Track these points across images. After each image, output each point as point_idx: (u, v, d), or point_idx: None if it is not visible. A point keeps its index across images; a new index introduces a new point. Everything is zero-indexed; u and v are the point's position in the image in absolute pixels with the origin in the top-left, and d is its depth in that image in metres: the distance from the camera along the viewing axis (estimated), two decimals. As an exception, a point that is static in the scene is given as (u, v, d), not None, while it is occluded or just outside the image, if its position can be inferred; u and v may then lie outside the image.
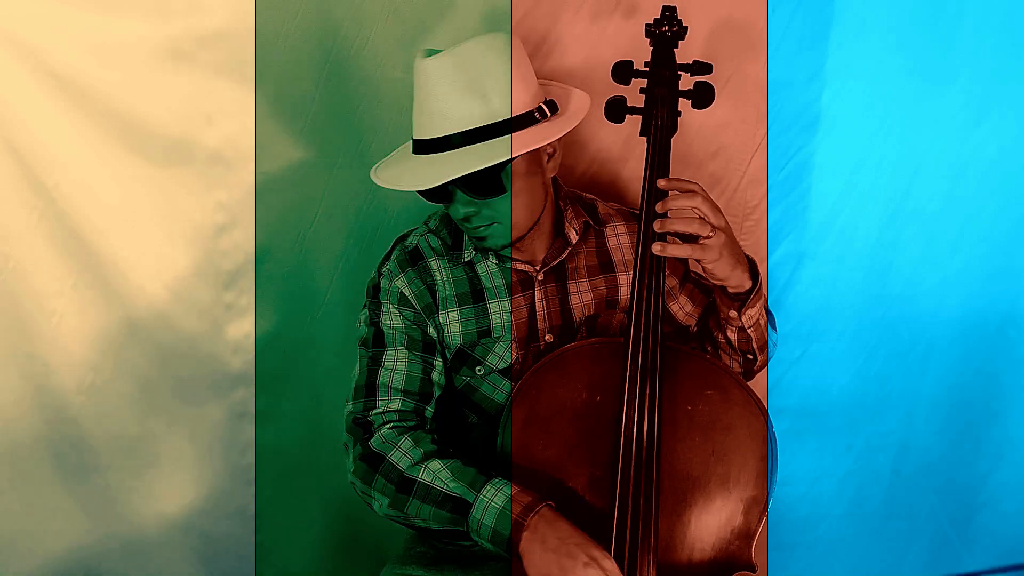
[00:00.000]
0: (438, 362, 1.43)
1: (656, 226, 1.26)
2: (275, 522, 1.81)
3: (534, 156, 1.37)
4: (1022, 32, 1.66)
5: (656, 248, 1.25)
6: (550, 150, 1.41)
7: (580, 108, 1.41)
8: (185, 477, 1.72)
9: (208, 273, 1.64)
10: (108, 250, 1.57)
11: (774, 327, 1.49)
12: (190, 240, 1.62)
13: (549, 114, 1.36)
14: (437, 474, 1.28)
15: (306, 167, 1.66)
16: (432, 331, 1.43)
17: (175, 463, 1.71)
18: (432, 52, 1.31)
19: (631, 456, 1.22)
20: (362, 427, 1.36)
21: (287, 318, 1.73)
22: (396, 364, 1.40)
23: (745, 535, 1.27)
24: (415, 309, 1.42)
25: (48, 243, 1.53)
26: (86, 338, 1.60)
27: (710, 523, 1.26)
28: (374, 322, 1.43)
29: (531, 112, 1.34)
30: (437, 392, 1.42)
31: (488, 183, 1.31)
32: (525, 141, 1.31)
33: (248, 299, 1.69)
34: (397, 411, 1.37)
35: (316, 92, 1.62)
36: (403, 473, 1.29)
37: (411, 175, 1.34)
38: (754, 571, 1.26)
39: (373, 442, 1.34)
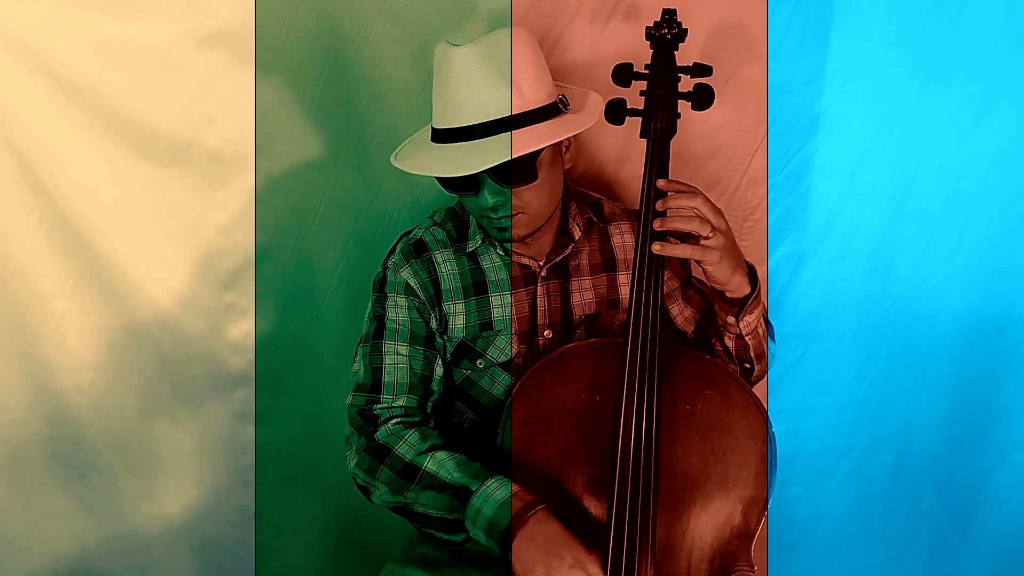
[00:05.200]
0: (438, 358, 1.44)
1: (656, 224, 1.26)
2: (275, 522, 1.81)
3: (556, 147, 1.38)
4: (1022, 32, 1.65)
5: (656, 247, 1.26)
6: (567, 143, 1.41)
7: (596, 102, 1.42)
8: (185, 477, 1.73)
9: (208, 273, 1.65)
10: (108, 250, 1.57)
11: (772, 338, 1.48)
12: (190, 240, 1.62)
13: (569, 107, 1.38)
14: (442, 464, 1.31)
15: (306, 167, 1.66)
16: (434, 324, 1.44)
17: (175, 463, 1.72)
18: (452, 44, 1.30)
19: (630, 456, 1.22)
20: (367, 420, 1.39)
21: (287, 318, 1.73)
22: (398, 360, 1.41)
23: (744, 535, 1.27)
24: (420, 299, 1.43)
25: (48, 243, 1.54)
26: (86, 338, 1.60)
27: (709, 523, 1.26)
28: (378, 316, 1.44)
29: (556, 103, 1.35)
30: (437, 386, 1.44)
31: (522, 170, 1.31)
32: (557, 129, 1.32)
33: (248, 299, 1.69)
34: (403, 407, 1.39)
35: (316, 92, 1.62)
36: (408, 462, 1.32)
37: (446, 162, 1.31)
38: (753, 571, 1.26)
39: (379, 434, 1.36)
